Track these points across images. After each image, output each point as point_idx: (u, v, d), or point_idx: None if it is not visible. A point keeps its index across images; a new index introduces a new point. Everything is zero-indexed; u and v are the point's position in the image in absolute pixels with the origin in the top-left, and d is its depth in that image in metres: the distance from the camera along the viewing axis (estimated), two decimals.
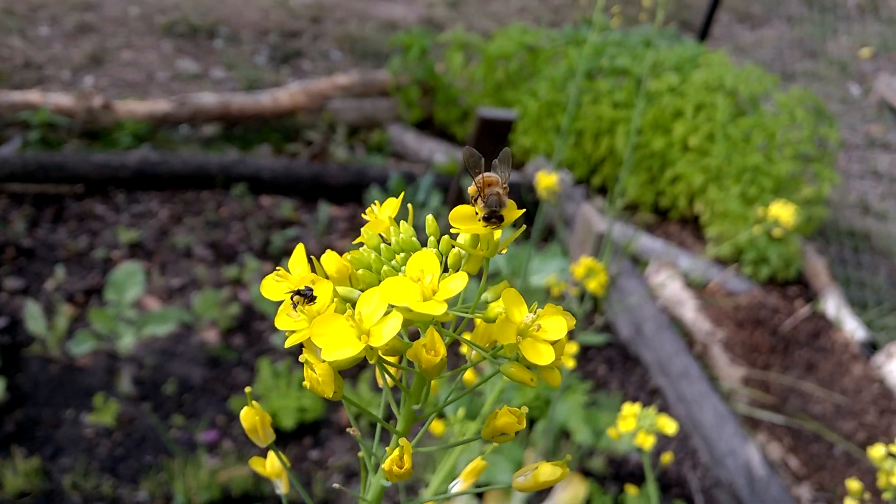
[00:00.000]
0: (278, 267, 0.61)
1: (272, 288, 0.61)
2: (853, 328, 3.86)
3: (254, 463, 0.73)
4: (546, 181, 2.27)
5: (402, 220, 0.65)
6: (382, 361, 0.60)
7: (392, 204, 0.67)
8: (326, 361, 0.56)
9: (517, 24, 5.53)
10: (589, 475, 2.93)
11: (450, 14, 8.02)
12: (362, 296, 0.57)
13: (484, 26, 7.65)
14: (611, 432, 1.33)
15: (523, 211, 0.64)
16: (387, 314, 0.56)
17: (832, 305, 4.00)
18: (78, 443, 2.79)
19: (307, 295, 0.58)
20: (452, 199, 4.31)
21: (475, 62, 5.50)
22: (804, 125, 4.40)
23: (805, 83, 6.94)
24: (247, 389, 0.64)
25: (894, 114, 6.71)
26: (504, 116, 3.97)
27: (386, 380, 0.62)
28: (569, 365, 1.24)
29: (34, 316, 3.12)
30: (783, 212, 1.95)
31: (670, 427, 1.31)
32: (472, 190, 0.65)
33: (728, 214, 4.32)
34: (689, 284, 4.11)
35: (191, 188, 4.43)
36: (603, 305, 3.80)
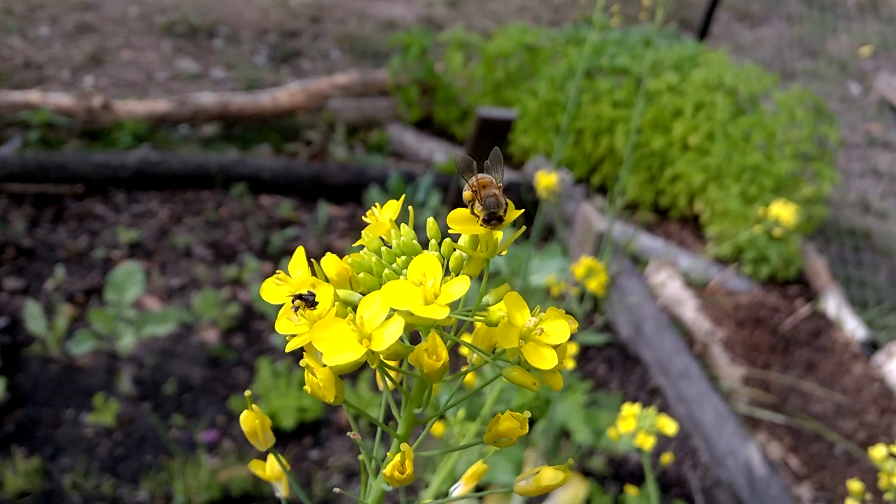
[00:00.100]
0: (278, 270, 0.61)
1: (272, 291, 0.60)
2: (853, 327, 3.86)
3: (253, 466, 0.72)
4: (546, 181, 2.27)
5: (403, 223, 0.64)
6: (384, 365, 0.60)
7: (393, 206, 0.66)
8: (327, 366, 0.55)
9: (517, 24, 5.53)
10: (589, 475, 2.93)
11: (449, 13, 8.01)
12: (363, 300, 0.57)
13: (483, 25, 7.64)
14: (611, 433, 1.32)
15: (522, 211, 0.64)
16: (388, 318, 0.55)
17: (832, 304, 3.99)
18: (78, 443, 2.79)
19: (308, 299, 0.57)
20: (452, 199, 4.31)
21: (475, 61, 5.50)
22: (804, 124, 4.40)
23: (805, 82, 6.94)
24: (246, 393, 0.63)
25: (894, 112, 6.71)
26: (504, 116, 3.97)
27: (386, 383, 0.62)
28: (569, 366, 1.24)
29: (34, 316, 3.12)
30: (784, 211, 1.95)
31: (670, 427, 1.31)
32: (468, 195, 0.65)
33: (728, 213, 4.32)
34: (689, 284, 4.11)
35: (190, 188, 4.43)
36: (603, 305, 3.80)
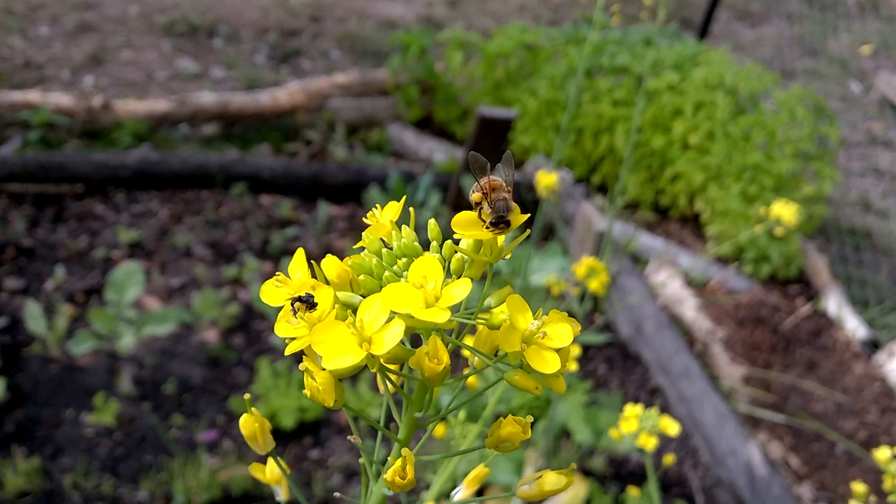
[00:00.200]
0: (278, 272, 0.60)
1: (272, 293, 0.60)
2: (854, 327, 3.85)
3: (253, 469, 0.72)
4: (546, 180, 2.26)
5: (404, 225, 0.63)
6: (384, 369, 0.59)
7: (393, 207, 0.65)
8: (327, 370, 0.55)
9: (516, 23, 5.52)
10: (589, 475, 2.93)
11: (449, 13, 8.01)
12: (364, 302, 0.56)
13: (483, 25, 7.64)
14: (613, 433, 1.32)
15: (528, 215, 0.63)
16: (389, 321, 0.55)
17: (833, 304, 3.99)
18: (78, 442, 2.78)
19: (307, 301, 0.56)
20: (452, 198, 4.31)
21: (474, 61, 5.49)
22: (804, 123, 4.39)
23: (805, 81, 6.93)
24: (246, 396, 0.62)
25: (895, 111, 6.70)
26: (504, 115, 3.97)
27: (387, 386, 0.61)
28: (572, 368, 1.23)
29: (34, 316, 3.12)
30: (785, 211, 1.94)
31: (673, 428, 1.30)
32: (477, 197, 0.64)
33: (728, 213, 4.32)
34: (690, 283, 4.11)
35: (190, 188, 4.43)
36: (603, 304, 3.80)
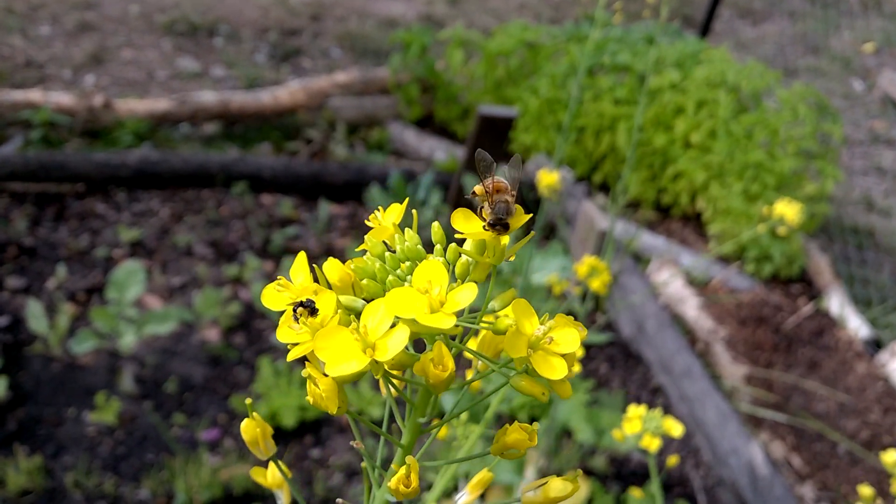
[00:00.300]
0: (279, 276, 0.59)
1: (273, 297, 0.59)
2: (857, 326, 3.84)
3: (254, 473, 0.71)
4: (547, 179, 2.26)
5: (407, 227, 0.62)
6: (388, 375, 0.58)
7: (396, 210, 0.64)
8: (330, 376, 0.54)
9: (517, 21, 5.51)
10: (591, 474, 2.92)
11: (450, 11, 7.99)
12: (367, 308, 0.55)
13: (484, 23, 7.62)
14: (616, 434, 1.31)
15: (530, 216, 0.62)
16: (393, 327, 0.54)
17: (836, 303, 3.98)
18: (80, 441, 2.78)
19: (310, 307, 0.55)
20: (453, 197, 4.30)
21: (475, 59, 5.48)
22: (807, 121, 4.38)
23: (808, 79, 6.91)
24: (247, 401, 0.62)
25: None
26: (505, 114, 3.96)
27: (390, 390, 0.61)
28: (576, 370, 1.23)
29: (36, 315, 3.11)
30: (788, 210, 1.94)
31: (676, 429, 1.29)
32: (479, 190, 0.63)
33: (730, 211, 4.31)
34: (692, 282, 4.10)
35: (191, 187, 4.42)
36: (605, 304, 3.79)
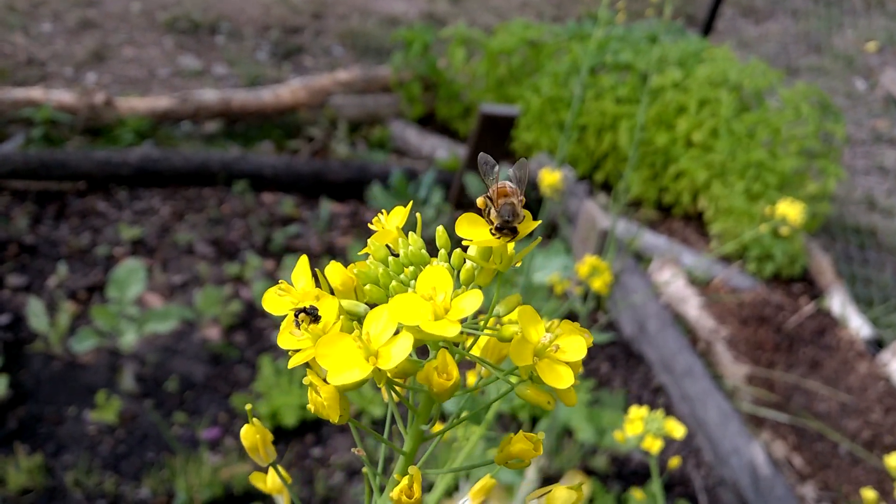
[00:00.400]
0: (280, 280, 0.59)
1: (275, 302, 0.58)
2: (858, 325, 3.84)
3: (254, 479, 0.71)
4: (549, 178, 2.25)
5: (411, 232, 0.61)
6: (391, 382, 0.57)
7: (399, 213, 0.63)
8: (332, 384, 0.52)
9: (519, 20, 5.50)
10: (591, 474, 2.92)
11: (451, 9, 7.98)
12: (370, 314, 0.54)
13: (486, 21, 7.61)
14: (617, 436, 1.31)
15: (539, 223, 0.61)
16: (396, 334, 0.52)
17: (837, 302, 3.97)
18: (80, 440, 2.78)
19: (311, 313, 0.54)
20: (455, 196, 4.30)
21: (477, 57, 5.47)
22: (809, 120, 4.37)
23: (810, 78, 6.90)
24: (247, 407, 0.61)
25: None
26: (506, 112, 3.95)
27: (392, 396, 0.60)
28: (579, 370, 1.22)
29: (36, 313, 3.11)
30: (791, 210, 1.93)
31: (678, 431, 1.29)
32: (481, 202, 0.61)
33: (732, 211, 4.30)
34: (693, 281, 4.09)
35: (192, 185, 4.42)
36: (606, 303, 3.78)
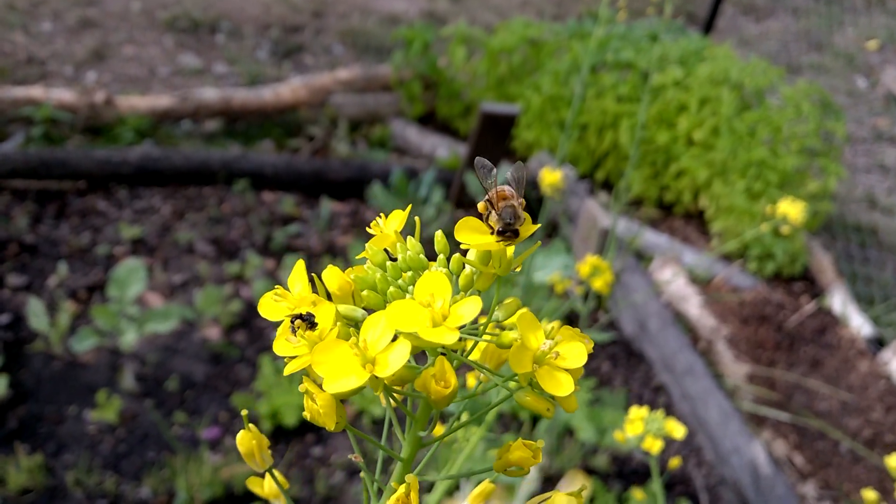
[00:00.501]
0: (277, 285, 0.58)
1: (271, 307, 0.57)
2: (859, 324, 3.83)
3: (250, 483, 0.70)
4: (550, 178, 2.25)
5: (409, 236, 0.60)
6: (388, 389, 0.56)
7: (398, 216, 0.62)
8: (328, 392, 0.52)
9: (520, 18, 5.49)
10: (592, 473, 2.92)
11: (452, 8, 7.97)
12: (367, 320, 0.53)
13: (486, 20, 7.60)
14: (617, 436, 1.31)
15: (539, 226, 0.60)
16: (393, 341, 0.51)
17: (838, 301, 3.97)
18: (81, 439, 2.78)
19: (308, 319, 0.53)
20: (455, 195, 4.29)
21: (478, 56, 5.46)
22: (810, 119, 4.36)
23: (811, 76, 6.88)
24: (243, 412, 0.60)
25: None
26: (507, 111, 3.94)
27: (389, 402, 0.59)
28: (578, 377, 1.22)
29: (37, 312, 3.11)
30: (792, 209, 1.92)
31: (679, 431, 1.28)
32: (482, 207, 0.60)
33: (733, 209, 4.29)
34: (694, 280, 4.09)
35: (193, 184, 4.42)
36: (607, 302, 3.78)
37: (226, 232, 4.07)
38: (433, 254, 0.61)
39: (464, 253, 0.61)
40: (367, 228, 0.62)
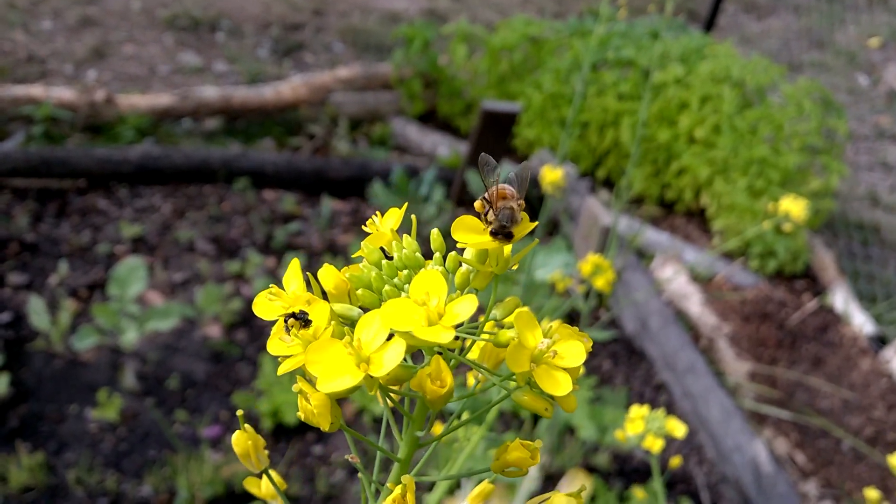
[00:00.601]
0: (271, 284, 0.57)
1: (265, 307, 0.56)
2: (861, 322, 3.82)
3: (247, 484, 0.70)
4: (551, 176, 2.24)
5: (405, 234, 0.60)
6: (384, 389, 0.55)
7: (395, 214, 0.62)
8: (322, 392, 0.51)
9: (521, 16, 5.48)
10: (593, 471, 2.92)
11: (453, 5, 7.95)
12: (362, 319, 0.52)
13: (487, 18, 7.59)
14: (618, 435, 1.30)
15: (535, 224, 0.59)
16: (389, 340, 0.51)
17: (840, 299, 3.96)
18: (82, 438, 2.78)
19: (301, 318, 0.53)
20: (456, 193, 4.29)
21: (479, 54, 5.46)
22: (812, 116, 4.35)
23: (812, 74, 6.87)
24: (239, 413, 0.60)
25: None
26: (508, 109, 3.94)
27: (386, 401, 0.59)
28: (577, 376, 1.21)
29: (38, 311, 3.11)
30: (794, 207, 1.92)
31: (680, 430, 1.28)
32: (479, 205, 0.59)
33: (735, 207, 4.28)
34: (695, 278, 4.08)
35: (193, 182, 4.41)
36: (608, 300, 3.77)
37: (226, 230, 4.07)
38: (431, 252, 0.61)
39: (461, 251, 0.60)
40: (363, 227, 0.62)
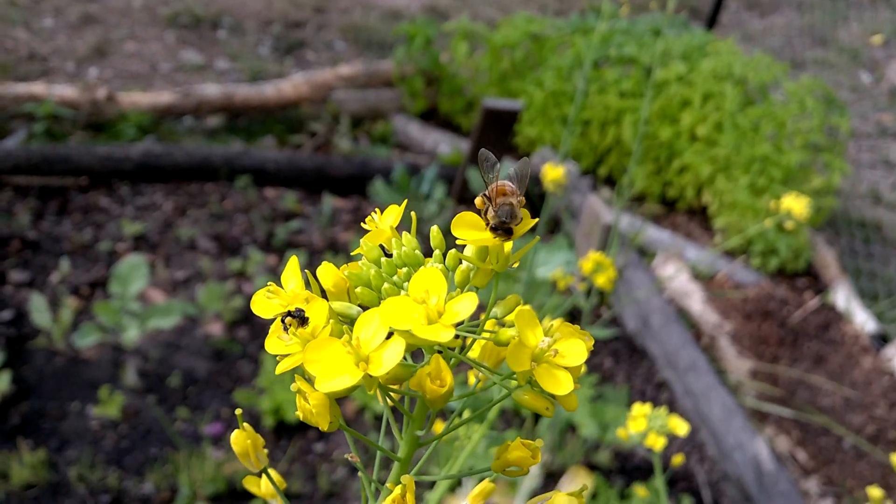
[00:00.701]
0: (270, 283, 0.57)
1: (264, 305, 0.56)
2: (863, 320, 3.82)
3: (247, 483, 0.69)
4: (552, 174, 2.24)
5: (405, 231, 0.59)
6: (383, 388, 0.55)
7: (394, 212, 0.61)
8: (320, 391, 0.50)
9: (522, 13, 5.47)
10: (595, 469, 2.92)
11: (454, 3, 7.94)
12: (360, 318, 0.52)
13: (489, 15, 7.57)
14: (620, 433, 1.30)
15: (535, 221, 0.59)
16: (388, 339, 0.50)
17: (842, 297, 3.95)
18: (83, 435, 2.79)
19: (299, 316, 0.52)
20: (457, 191, 4.28)
21: (480, 52, 5.45)
22: (814, 114, 4.34)
23: (815, 71, 6.85)
24: (237, 412, 0.60)
25: None
26: (509, 107, 3.93)
27: (386, 401, 0.58)
28: (578, 375, 1.21)
29: (39, 309, 3.12)
30: (796, 204, 1.91)
31: (682, 428, 1.28)
32: (479, 202, 0.59)
33: (736, 205, 4.27)
34: (697, 276, 4.08)
35: (195, 180, 4.41)
36: (609, 298, 3.77)
37: (228, 228, 4.07)
38: (431, 250, 0.60)
39: (461, 249, 0.59)
40: (362, 224, 0.61)
